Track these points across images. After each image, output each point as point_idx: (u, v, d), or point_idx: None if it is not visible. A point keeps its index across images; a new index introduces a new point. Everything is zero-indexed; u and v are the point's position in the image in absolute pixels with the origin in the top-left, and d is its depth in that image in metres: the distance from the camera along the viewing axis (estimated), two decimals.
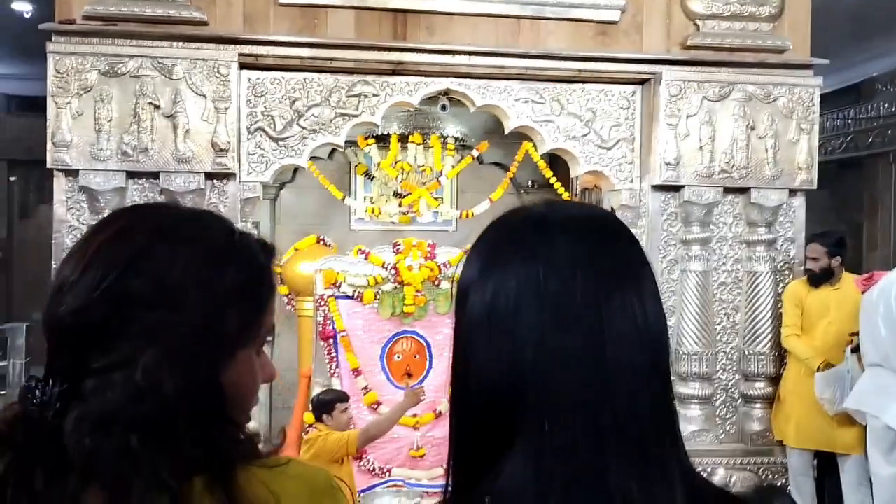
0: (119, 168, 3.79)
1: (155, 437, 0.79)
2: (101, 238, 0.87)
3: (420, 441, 4.96)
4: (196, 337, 0.84)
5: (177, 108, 3.80)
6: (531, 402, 0.79)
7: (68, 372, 0.82)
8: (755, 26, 4.28)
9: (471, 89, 4.24)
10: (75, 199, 3.84)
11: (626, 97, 4.37)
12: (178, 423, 0.80)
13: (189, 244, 0.87)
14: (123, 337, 0.82)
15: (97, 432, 0.78)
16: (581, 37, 4.24)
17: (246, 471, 0.83)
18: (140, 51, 3.79)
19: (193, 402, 0.82)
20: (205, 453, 0.82)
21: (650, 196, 4.31)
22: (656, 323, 0.83)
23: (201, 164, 3.83)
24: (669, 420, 0.83)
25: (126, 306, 0.83)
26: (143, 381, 0.80)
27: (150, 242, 0.86)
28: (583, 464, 0.78)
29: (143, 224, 0.89)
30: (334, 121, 4.13)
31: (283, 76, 4.07)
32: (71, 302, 0.83)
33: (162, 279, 0.84)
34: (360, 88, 4.14)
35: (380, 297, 4.91)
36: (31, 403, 0.81)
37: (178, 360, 0.82)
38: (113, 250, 0.85)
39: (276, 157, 4.09)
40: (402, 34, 4.10)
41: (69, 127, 3.74)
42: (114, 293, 0.83)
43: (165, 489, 0.78)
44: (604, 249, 0.84)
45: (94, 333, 0.82)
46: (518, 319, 0.80)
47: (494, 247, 0.86)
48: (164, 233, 0.88)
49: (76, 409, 0.80)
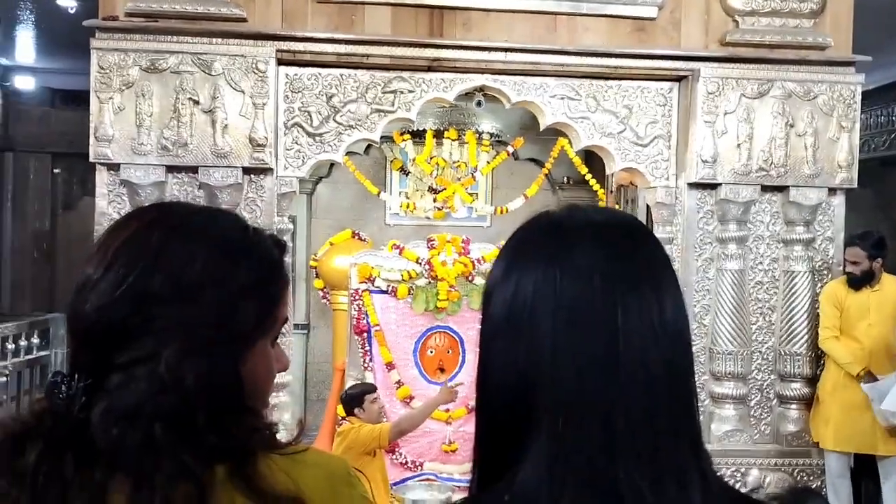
0: (159, 162, 3.86)
1: (178, 427, 0.83)
2: (120, 237, 0.90)
3: (452, 436, 4.99)
4: (214, 331, 0.87)
5: (216, 103, 3.86)
6: (545, 403, 0.80)
7: (92, 367, 0.86)
8: (796, 23, 4.22)
9: (506, 86, 4.24)
10: (116, 193, 3.92)
11: (662, 94, 4.33)
12: (200, 413, 0.84)
13: (205, 241, 0.91)
14: (145, 333, 0.85)
15: (123, 423, 0.82)
16: (618, 33, 4.21)
17: (266, 458, 0.86)
18: (180, 47, 3.85)
19: (214, 394, 0.85)
20: (226, 442, 0.85)
21: (686, 194, 4.28)
22: (675, 327, 0.84)
23: (239, 158, 3.89)
24: (689, 424, 0.82)
25: (147, 303, 0.86)
26: (165, 374, 0.83)
27: (167, 241, 0.90)
28: (594, 466, 0.78)
29: (161, 223, 0.92)
30: (370, 117, 4.16)
31: (320, 72, 4.11)
32: (94, 300, 0.87)
33: (180, 276, 0.87)
34: (395, 84, 4.16)
35: (413, 292, 4.94)
36: (57, 398, 0.85)
37: (198, 353, 0.85)
38: (133, 249, 0.89)
39: (312, 153, 4.13)
40: (438, 30, 4.12)
41: (111, 122, 3.82)
42: (135, 291, 0.86)
43: (189, 476, 0.81)
44: (622, 254, 0.84)
45: (116, 330, 0.86)
46: (534, 321, 0.81)
47: (518, 249, 0.88)
48: (180, 231, 0.92)
49: (102, 402, 0.83)
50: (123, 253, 0.88)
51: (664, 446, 0.80)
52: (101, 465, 0.82)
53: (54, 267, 9.17)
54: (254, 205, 4.01)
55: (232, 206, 3.93)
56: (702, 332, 4.30)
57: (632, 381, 0.80)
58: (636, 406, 0.79)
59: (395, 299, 5.03)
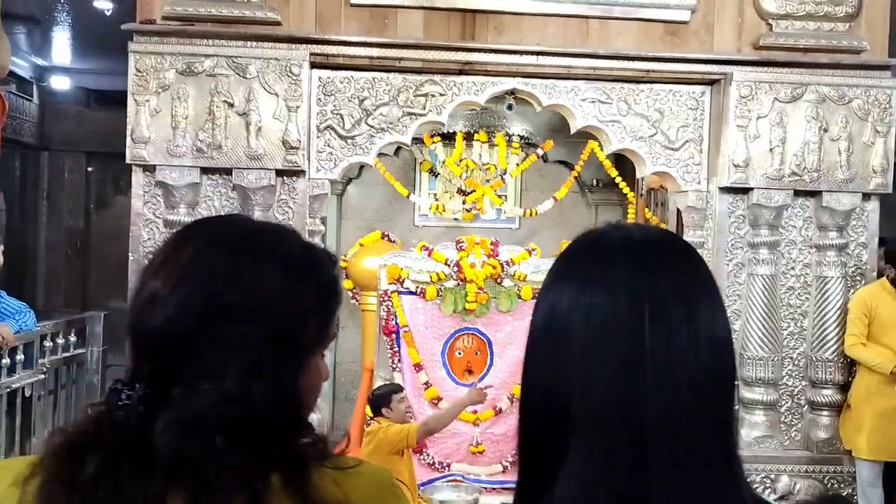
0: (194, 164, 3.91)
1: (239, 439, 0.85)
2: (187, 253, 0.92)
3: (480, 437, 5.00)
4: (279, 347, 0.90)
5: (250, 106, 3.91)
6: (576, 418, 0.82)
7: (153, 378, 0.88)
8: (830, 26, 4.19)
9: (537, 89, 4.25)
10: (152, 194, 3.99)
11: (694, 98, 4.32)
12: (261, 426, 0.86)
13: (270, 258, 0.93)
14: (211, 347, 0.88)
15: (185, 434, 0.84)
16: (650, 37, 4.21)
17: (319, 470, 0.89)
18: (216, 50, 3.91)
19: (276, 407, 0.88)
20: (283, 453, 0.87)
21: (717, 198, 4.26)
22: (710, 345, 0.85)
23: (272, 161, 3.93)
24: (723, 441, 0.83)
25: (214, 319, 0.89)
26: (231, 388, 0.85)
27: (235, 258, 0.92)
28: (624, 482, 0.80)
29: (227, 240, 0.95)
30: (402, 119, 4.19)
31: (353, 75, 4.14)
32: (162, 315, 0.89)
33: (247, 294, 0.90)
34: (427, 88, 4.19)
35: (442, 294, 4.97)
36: (118, 407, 0.87)
37: (263, 369, 0.88)
38: (201, 266, 0.91)
39: (344, 155, 4.17)
40: (470, 34, 4.13)
41: (147, 124, 3.88)
42: (203, 308, 0.89)
43: (247, 487, 0.84)
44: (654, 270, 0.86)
45: (183, 344, 0.88)
46: (567, 335, 0.83)
47: (560, 266, 0.91)
48: (247, 249, 0.94)
49: (164, 412, 0.85)
50: (191, 270, 0.91)
51: (697, 465, 0.81)
52: (159, 476, 0.84)
53: (87, 264, 9.32)
54: (286, 206, 4.06)
55: (265, 207, 3.98)
56: (732, 337, 4.26)
57: (660, 397, 0.81)
58: (665, 423, 0.81)
59: (424, 300, 5.05)
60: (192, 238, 0.95)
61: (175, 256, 0.93)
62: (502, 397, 4.97)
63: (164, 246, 0.96)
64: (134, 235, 3.99)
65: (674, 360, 0.82)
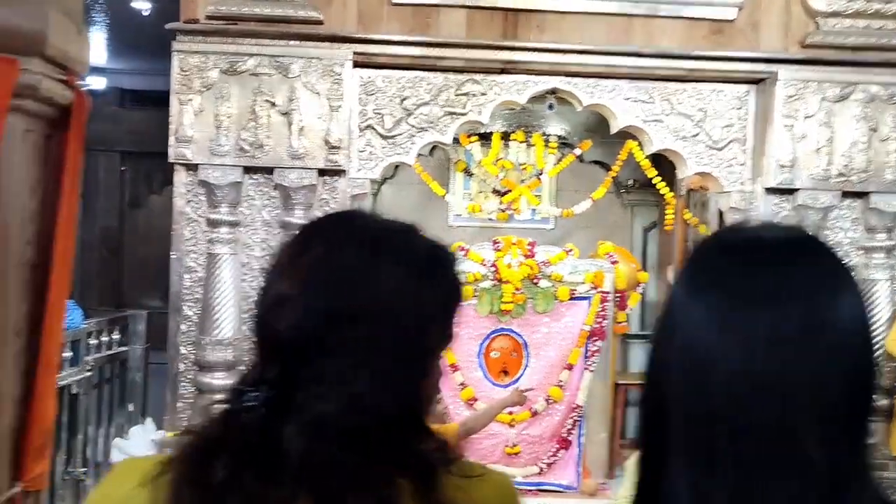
0: (236, 163, 3.92)
1: (366, 444, 0.83)
2: (313, 254, 0.90)
3: (516, 439, 4.98)
4: (406, 351, 0.88)
5: (292, 105, 3.91)
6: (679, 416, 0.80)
7: (278, 380, 0.86)
8: (880, 24, 4.11)
9: (579, 88, 4.22)
10: (194, 193, 4.00)
11: (738, 97, 4.26)
12: (389, 432, 0.84)
13: (399, 260, 0.91)
14: (338, 351, 0.86)
15: (313, 440, 0.82)
16: (694, 35, 4.16)
17: (445, 477, 0.87)
18: (259, 49, 3.91)
19: (403, 412, 0.86)
20: (410, 460, 0.85)
21: (762, 199, 4.20)
22: (829, 341, 0.82)
23: (314, 160, 3.93)
24: (854, 462, 0.81)
25: (342, 323, 0.87)
26: (357, 393, 0.83)
27: (363, 259, 0.90)
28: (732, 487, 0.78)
29: (354, 241, 0.92)
30: (442, 119, 4.17)
31: (394, 75, 4.13)
32: (290, 317, 0.87)
33: (376, 297, 0.88)
34: (468, 87, 4.17)
35: (478, 294, 4.94)
36: (241, 408, 0.86)
37: (391, 372, 0.86)
38: (329, 267, 0.89)
39: (384, 155, 4.16)
40: (512, 33, 4.11)
41: (190, 123, 3.89)
42: (331, 311, 0.87)
43: (375, 494, 0.81)
44: (768, 267, 0.83)
45: (308, 347, 0.86)
46: (676, 333, 0.83)
47: (690, 263, 0.89)
48: (374, 248, 0.91)
49: (290, 417, 0.84)
50: (317, 272, 0.89)
51: (822, 481, 0.78)
52: (286, 481, 0.82)
53: (121, 263, 9.42)
54: (327, 206, 4.05)
55: (306, 207, 3.97)
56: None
57: (767, 396, 0.78)
58: (773, 423, 0.78)
59: None
60: (316, 238, 0.93)
61: (300, 258, 0.91)
62: (538, 399, 4.93)
63: (287, 246, 0.95)
64: (176, 234, 4.01)
65: (785, 358, 0.80)
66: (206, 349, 3.88)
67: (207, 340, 3.88)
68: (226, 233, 3.94)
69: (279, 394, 0.84)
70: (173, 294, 3.99)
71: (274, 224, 4.01)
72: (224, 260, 3.93)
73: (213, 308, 3.90)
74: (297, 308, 0.86)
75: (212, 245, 3.95)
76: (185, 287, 3.98)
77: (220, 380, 3.91)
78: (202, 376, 3.92)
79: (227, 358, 3.90)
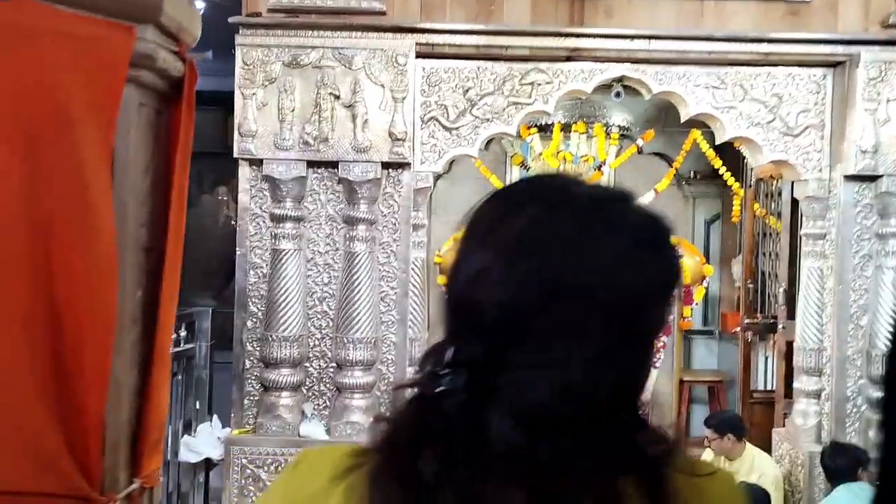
0: (300, 157, 3.86)
1: (586, 439, 0.73)
2: (522, 220, 0.78)
3: None
4: (628, 331, 0.77)
5: (356, 97, 3.84)
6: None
7: (479, 363, 0.76)
8: None
9: (648, 75, 4.08)
10: (259, 188, 3.95)
11: (815, 81, 4.09)
12: (609, 425, 0.74)
13: (620, 228, 0.79)
14: (551, 330, 0.75)
15: (524, 431, 0.72)
16: (769, 17, 4.00)
17: (673, 476, 0.76)
18: (321, 41, 3.85)
19: (620, 401, 0.76)
20: (632, 457, 0.75)
21: (842, 186, 4.03)
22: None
23: (379, 153, 3.86)
24: None
25: (557, 298, 0.76)
26: (576, 379, 0.73)
27: (583, 227, 0.78)
28: None
29: (569, 204, 0.80)
30: (507, 109, 4.07)
31: (457, 65, 4.04)
32: (495, 292, 0.76)
33: (596, 269, 0.76)
34: (533, 76, 4.06)
35: None
36: (437, 393, 0.76)
37: (612, 356, 0.75)
38: (542, 235, 0.77)
39: (448, 147, 4.07)
40: (578, 19, 3.99)
41: (254, 117, 3.85)
42: (547, 283, 0.76)
43: (595, 495, 0.72)
44: None
45: (517, 326, 0.75)
46: None
47: None
48: (594, 215, 0.80)
49: (495, 404, 0.74)
50: (529, 240, 0.77)
51: None
52: (496, 477, 0.73)
53: None
54: (391, 200, 3.98)
55: (370, 201, 3.91)
56: (858, 333, 4.04)
57: None
58: None
59: None
60: (524, 202, 0.81)
61: (506, 224, 0.79)
62: None
63: (485, 211, 0.83)
64: (241, 230, 3.97)
65: None
66: (271, 345, 3.84)
67: (273, 337, 3.84)
68: (290, 228, 3.89)
69: (481, 378, 0.75)
70: (239, 290, 3.95)
71: (338, 219, 3.95)
72: (289, 255, 3.88)
73: (279, 304, 3.85)
74: (503, 281, 0.75)
75: (276, 241, 3.90)
76: (251, 283, 3.95)
77: (286, 376, 3.87)
78: (268, 373, 3.88)
79: (293, 354, 3.86)
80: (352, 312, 3.87)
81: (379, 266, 3.97)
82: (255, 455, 3.82)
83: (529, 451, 0.72)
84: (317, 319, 3.96)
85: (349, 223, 3.92)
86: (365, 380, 3.90)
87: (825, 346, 4.12)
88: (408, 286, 4.03)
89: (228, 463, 3.82)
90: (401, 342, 4.01)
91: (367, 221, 3.91)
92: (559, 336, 0.75)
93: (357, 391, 3.90)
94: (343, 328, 3.88)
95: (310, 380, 3.98)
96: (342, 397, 3.91)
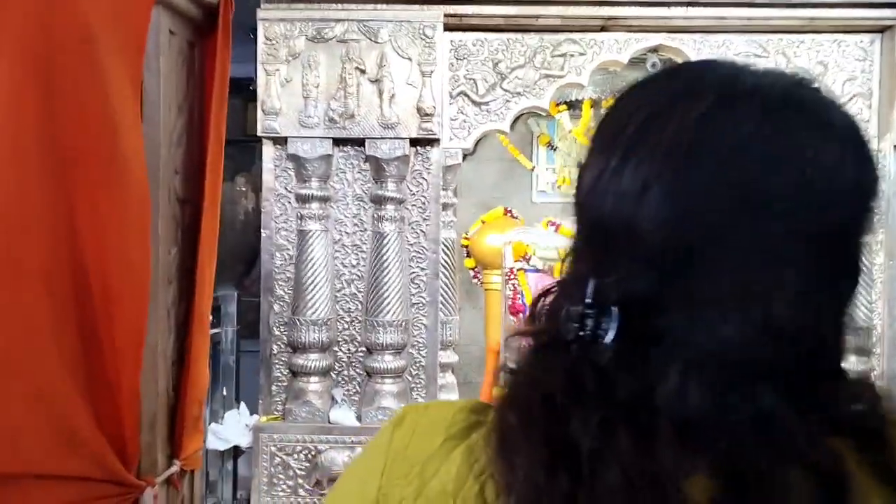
0: (326, 135, 3.74)
1: (790, 394, 0.59)
2: (693, 114, 0.64)
3: None
4: (837, 256, 0.63)
5: (382, 72, 3.71)
6: None
7: (639, 300, 0.62)
8: None
9: (685, 44, 3.91)
10: (283, 168, 3.83)
11: (862, 47, 3.91)
12: (814, 375, 0.60)
13: (827, 128, 0.64)
14: (736, 257, 0.60)
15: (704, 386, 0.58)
16: None
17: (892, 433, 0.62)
18: (346, 14, 3.72)
19: (826, 346, 0.62)
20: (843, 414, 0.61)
21: (892, 157, 3.85)
22: None
23: (406, 129, 3.73)
24: None
25: (750, 213, 0.61)
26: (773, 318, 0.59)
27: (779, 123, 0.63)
28: None
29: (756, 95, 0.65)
30: (538, 83, 3.92)
31: (486, 37, 3.90)
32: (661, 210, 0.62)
33: (797, 179, 0.61)
34: (565, 48, 3.91)
35: None
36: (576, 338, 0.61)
37: (816, 291, 0.61)
38: (721, 135, 0.62)
39: (478, 122, 3.93)
40: None
41: (278, 94, 3.72)
42: (734, 197, 0.61)
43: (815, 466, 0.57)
44: None
45: (696, 253, 0.61)
46: None
47: None
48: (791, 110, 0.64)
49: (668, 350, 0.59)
50: (702, 142, 0.62)
51: None
52: (667, 443, 0.58)
53: None
54: (420, 178, 3.85)
55: (398, 179, 3.78)
56: None
57: None
58: None
59: (552, 278, 4.78)
60: (693, 90, 0.66)
61: (667, 119, 0.64)
62: None
63: (630, 101, 0.68)
64: (266, 211, 3.85)
65: None
66: (299, 329, 3.72)
67: (301, 321, 3.72)
68: (316, 208, 3.76)
69: (640, 320, 0.61)
70: (265, 274, 3.84)
71: (366, 198, 3.83)
72: (315, 237, 3.76)
73: (306, 287, 3.74)
74: (673, 195, 0.61)
75: (302, 222, 3.78)
76: (277, 266, 3.83)
77: (314, 361, 3.75)
78: (296, 358, 3.77)
79: (322, 338, 3.74)
80: (381, 294, 3.75)
81: (408, 246, 3.85)
82: (285, 442, 3.72)
83: (715, 411, 0.57)
84: (345, 302, 3.84)
85: (377, 202, 3.79)
86: (396, 364, 3.78)
87: (875, 324, 3.95)
88: (438, 267, 3.90)
89: (257, 451, 3.72)
90: (432, 325, 3.89)
91: (395, 200, 3.78)
92: (747, 264, 0.60)
93: (388, 376, 3.78)
94: (372, 311, 3.76)
95: (339, 364, 3.87)
96: (372, 382, 3.80)
